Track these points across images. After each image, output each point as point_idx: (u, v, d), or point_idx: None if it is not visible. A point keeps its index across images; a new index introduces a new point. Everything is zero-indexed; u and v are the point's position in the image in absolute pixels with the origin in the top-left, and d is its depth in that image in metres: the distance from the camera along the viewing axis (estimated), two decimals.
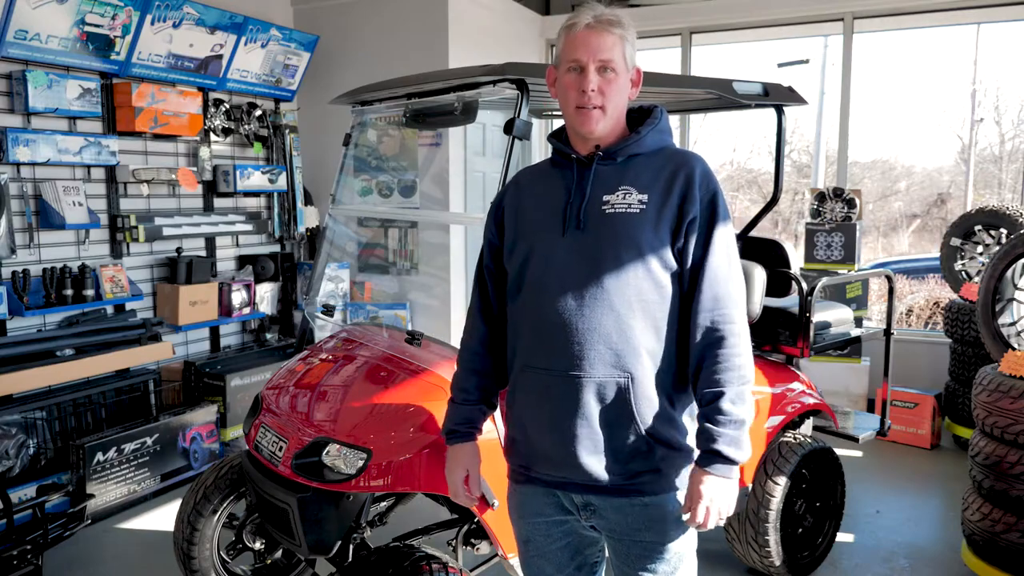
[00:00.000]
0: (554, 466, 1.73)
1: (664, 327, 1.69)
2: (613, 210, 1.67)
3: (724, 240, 1.69)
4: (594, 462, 1.67)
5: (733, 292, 1.69)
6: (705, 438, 1.67)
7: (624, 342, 1.65)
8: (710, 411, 1.67)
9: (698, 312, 1.67)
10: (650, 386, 1.67)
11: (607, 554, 1.87)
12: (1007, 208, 5.00)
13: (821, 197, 5.14)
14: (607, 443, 1.67)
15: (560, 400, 1.68)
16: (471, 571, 2.66)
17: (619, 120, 1.75)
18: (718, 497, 1.66)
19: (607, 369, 1.64)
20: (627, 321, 1.65)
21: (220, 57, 4.83)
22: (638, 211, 1.66)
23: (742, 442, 1.66)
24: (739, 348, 1.68)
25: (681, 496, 1.74)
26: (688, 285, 1.69)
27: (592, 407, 1.66)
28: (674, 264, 1.68)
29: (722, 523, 1.71)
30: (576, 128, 1.72)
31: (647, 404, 1.67)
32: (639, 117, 1.79)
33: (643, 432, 1.66)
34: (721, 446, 1.64)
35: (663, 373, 1.69)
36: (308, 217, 5.64)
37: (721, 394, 1.65)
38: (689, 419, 1.76)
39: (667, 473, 1.71)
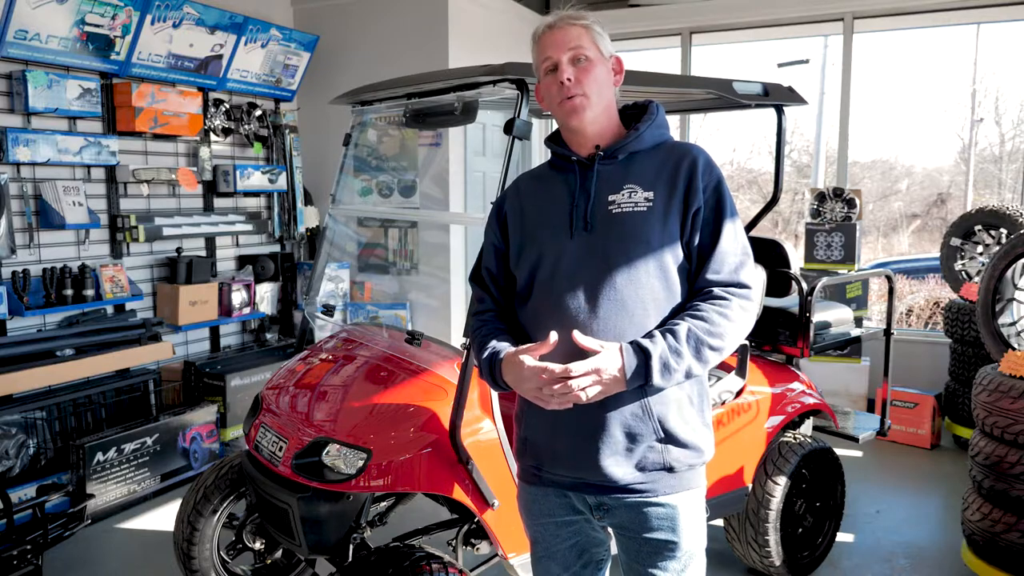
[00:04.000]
0: (569, 468, 1.71)
1: None
2: (620, 210, 1.66)
3: (733, 227, 1.68)
4: (611, 463, 1.66)
5: (746, 276, 1.67)
6: (646, 337, 1.59)
7: None
8: (667, 327, 1.60)
9: (705, 283, 1.64)
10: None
11: (614, 551, 1.87)
12: (1007, 208, 5.00)
13: (821, 197, 5.14)
14: (624, 444, 1.66)
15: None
16: (471, 571, 2.66)
17: (610, 113, 1.74)
18: (605, 374, 1.55)
19: None
20: (641, 321, 1.63)
21: (220, 57, 4.83)
22: (645, 209, 1.65)
23: (669, 372, 1.56)
24: (734, 316, 1.62)
25: (695, 495, 1.74)
26: (695, 268, 1.67)
27: (609, 409, 1.64)
28: (685, 260, 1.67)
29: (582, 398, 1.55)
30: (566, 122, 1.71)
31: (663, 404, 1.66)
32: (636, 114, 1.78)
33: (660, 432, 1.66)
34: (655, 357, 1.55)
35: None
36: (308, 217, 5.64)
37: (681, 326, 1.58)
38: (705, 418, 1.75)
39: (681, 472, 1.70)
